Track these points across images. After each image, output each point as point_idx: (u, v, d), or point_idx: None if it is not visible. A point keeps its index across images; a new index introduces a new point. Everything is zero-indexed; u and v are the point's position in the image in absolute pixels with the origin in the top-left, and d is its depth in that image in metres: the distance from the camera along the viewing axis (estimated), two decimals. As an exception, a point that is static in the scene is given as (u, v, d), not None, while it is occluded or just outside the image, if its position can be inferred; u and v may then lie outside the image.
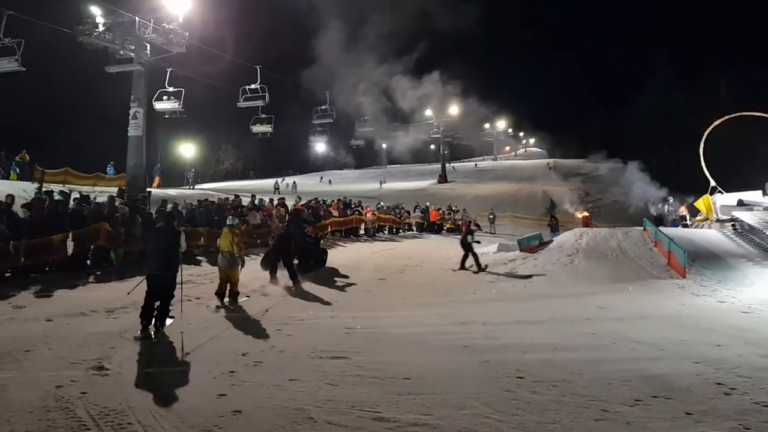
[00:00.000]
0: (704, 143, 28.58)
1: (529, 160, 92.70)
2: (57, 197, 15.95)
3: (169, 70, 25.83)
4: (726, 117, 28.80)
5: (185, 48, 24.23)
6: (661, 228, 20.99)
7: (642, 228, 21.84)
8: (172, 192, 33.73)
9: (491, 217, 38.84)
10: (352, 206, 27.47)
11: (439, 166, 69.06)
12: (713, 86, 70.55)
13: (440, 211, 34.20)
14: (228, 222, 12.50)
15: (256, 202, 22.78)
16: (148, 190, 23.54)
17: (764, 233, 18.89)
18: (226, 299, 11.82)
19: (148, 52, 23.41)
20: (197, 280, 14.28)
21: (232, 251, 11.76)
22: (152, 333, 9.03)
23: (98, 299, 11.40)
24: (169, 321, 9.55)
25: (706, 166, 27.78)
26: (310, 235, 17.76)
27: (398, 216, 30.22)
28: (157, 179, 37.03)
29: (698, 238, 20.83)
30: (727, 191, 25.86)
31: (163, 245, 9.41)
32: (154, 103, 25.58)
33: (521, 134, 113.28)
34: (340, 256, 19.85)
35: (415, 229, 31.03)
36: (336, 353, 8.09)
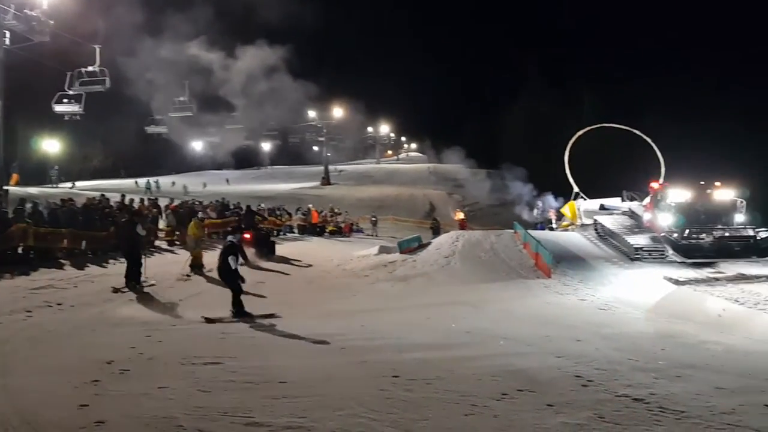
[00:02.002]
0: (569, 152, 30.51)
1: (411, 164, 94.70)
2: None
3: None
4: (588, 128, 30.95)
5: (49, 37, 22.60)
6: (529, 231, 22.14)
7: (513, 231, 22.94)
8: (32, 190, 31.37)
9: (373, 219, 39.31)
10: (231, 208, 26.81)
11: (322, 168, 68.96)
12: (579, 97, 75.52)
13: (322, 214, 34.16)
14: (198, 216, 18.25)
15: (126, 202, 21.65)
16: (4, 188, 21.72)
17: (622, 237, 20.34)
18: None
19: (7, 40, 21.61)
20: (59, 284, 13.39)
21: (198, 237, 16.42)
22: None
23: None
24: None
25: (571, 173, 29.67)
26: (262, 228, 21.57)
27: (279, 218, 29.85)
28: (14, 176, 34.17)
29: (563, 241, 22.19)
30: (590, 197, 27.69)
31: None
32: (53, 106, 23.70)
33: (403, 139, 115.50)
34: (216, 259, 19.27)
35: (296, 231, 30.79)
36: (209, 359, 7.86)
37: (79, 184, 47.76)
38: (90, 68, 27.32)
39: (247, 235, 18.83)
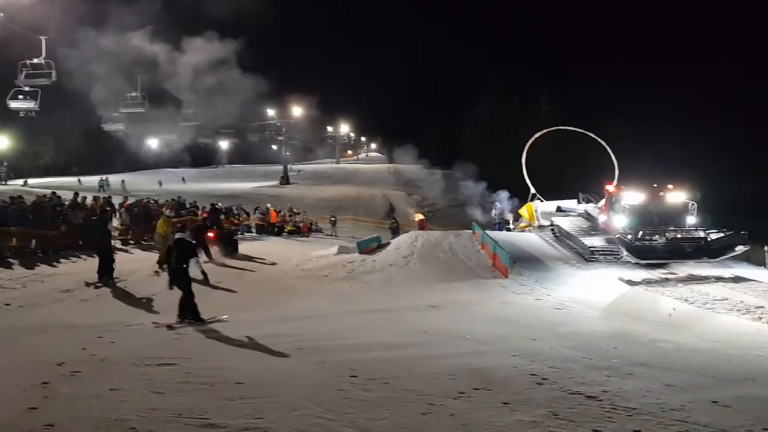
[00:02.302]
0: (526, 153, 30.97)
1: (371, 164, 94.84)
2: None
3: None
4: (545, 130, 31.48)
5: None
6: (487, 232, 22.39)
7: (471, 231, 23.16)
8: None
9: (333, 219, 39.18)
10: (187, 207, 26.37)
11: (281, 167, 68.44)
12: (537, 99, 76.79)
13: (281, 213, 33.89)
14: (166, 214, 18.56)
15: (79, 200, 21.10)
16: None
17: (578, 238, 20.75)
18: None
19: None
20: (7, 284, 12.99)
21: (166, 235, 16.19)
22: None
23: None
24: None
25: (528, 174, 30.12)
26: (227, 227, 22.21)
27: (236, 217, 29.48)
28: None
29: (520, 242, 22.52)
30: (547, 199, 28.16)
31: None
32: (8, 102, 22.84)
33: (363, 139, 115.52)
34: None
35: (254, 230, 30.47)
36: (163, 360, 7.70)
37: (31, 181, 46.39)
38: (35, 60, 26.12)
39: (210, 234, 19.53)
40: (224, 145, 73.50)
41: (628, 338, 10.52)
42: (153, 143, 56.97)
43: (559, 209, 25.63)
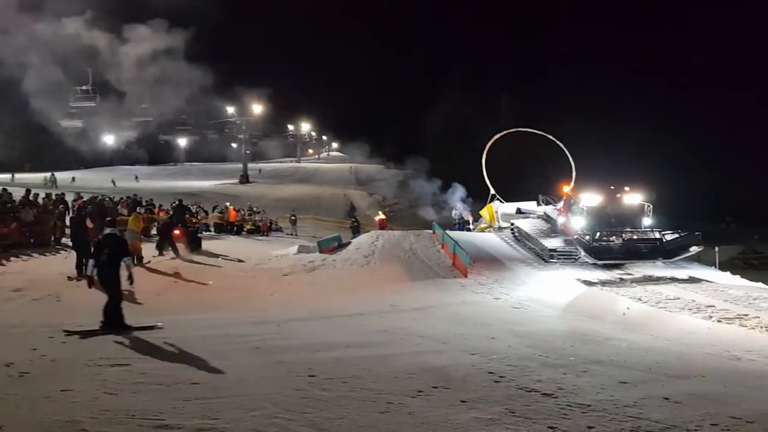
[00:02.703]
0: (486, 155, 31.29)
1: (332, 164, 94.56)
2: None
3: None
4: (505, 132, 31.86)
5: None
6: (447, 231, 22.55)
7: (431, 231, 23.28)
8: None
9: (293, 218, 38.89)
10: (143, 204, 25.86)
11: (241, 165, 67.67)
12: (497, 101, 77.80)
13: (240, 212, 33.49)
14: (137, 210, 20.95)
15: (30, 197, 20.48)
16: None
17: (537, 240, 21.04)
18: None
19: None
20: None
21: (137, 230, 17.20)
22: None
23: None
24: None
25: (488, 176, 30.44)
26: (192, 225, 22.91)
27: (194, 215, 28.99)
28: None
29: (480, 242, 22.73)
30: (507, 201, 28.49)
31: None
32: None
33: (324, 138, 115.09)
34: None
35: (212, 229, 30.02)
36: (117, 360, 7.54)
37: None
38: None
39: (177, 231, 20.30)
40: (182, 142, 72.21)
41: (584, 337, 10.70)
42: (108, 140, 55.65)
43: (519, 211, 25.93)
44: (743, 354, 9.63)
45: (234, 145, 75.00)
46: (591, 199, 20.47)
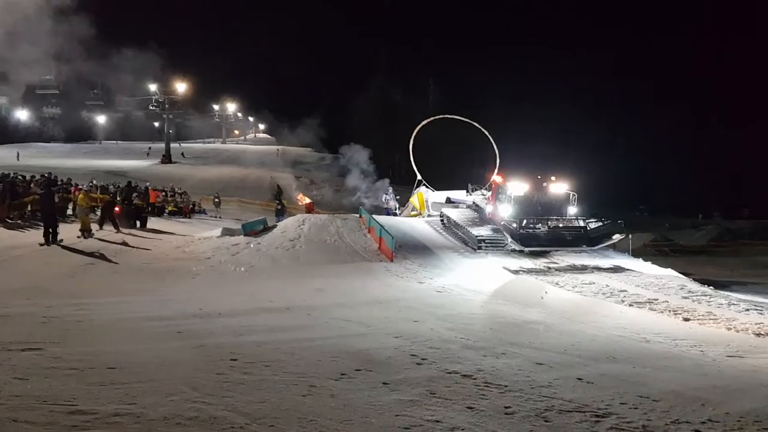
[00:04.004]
0: (413, 141, 31.55)
1: (259, 145, 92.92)
2: None
3: None
4: (431, 118, 32.19)
5: None
6: (374, 216, 22.65)
7: (358, 215, 23.33)
8: None
9: (216, 200, 38.09)
10: (59, 183, 24.71)
11: (163, 145, 65.50)
12: (425, 88, 78.43)
13: (162, 193, 32.50)
14: (85, 188, 23.06)
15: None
16: None
17: (466, 228, 21.40)
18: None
19: None
20: None
21: (86, 206, 19.59)
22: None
23: None
24: None
25: (415, 161, 30.70)
26: (137, 203, 24.02)
27: (112, 196, 27.89)
28: None
29: (407, 227, 22.96)
30: (436, 189, 28.78)
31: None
32: None
33: (251, 119, 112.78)
34: (40, 238, 17.71)
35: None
36: (28, 345, 7.19)
37: None
38: None
39: (117, 209, 21.79)
40: (101, 120, 69.20)
41: (504, 320, 11.02)
42: (21, 115, 52.54)
43: (448, 200, 26.29)
44: (652, 336, 10.17)
45: (156, 124, 72.51)
46: (518, 187, 21.03)
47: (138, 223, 22.81)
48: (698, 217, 52.42)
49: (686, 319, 11.94)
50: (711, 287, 16.37)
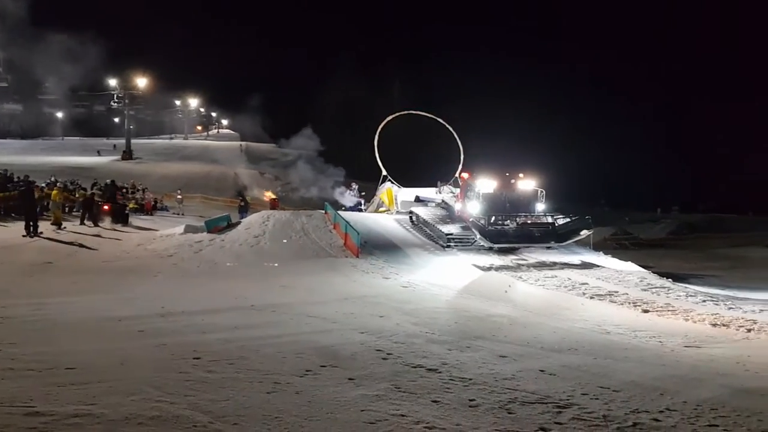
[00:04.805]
0: (378, 136, 31.51)
1: (222, 141, 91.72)
2: None
3: None
4: (396, 114, 32.19)
5: None
6: (340, 212, 22.58)
7: (323, 211, 23.24)
8: None
9: (179, 197, 37.53)
10: (15, 180, 24.03)
11: (123, 141, 64.16)
12: (390, 84, 78.37)
13: (123, 190, 31.86)
14: (59, 185, 23.89)
15: None
16: None
17: (435, 226, 21.44)
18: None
19: None
20: None
21: (59, 202, 21.24)
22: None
23: None
24: None
25: (381, 158, 30.69)
26: (119, 201, 25.09)
27: (71, 193, 27.28)
28: None
29: (372, 223, 22.92)
30: (403, 186, 28.75)
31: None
32: None
33: (214, 115, 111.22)
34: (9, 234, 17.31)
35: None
36: (-17, 346, 7.00)
37: None
38: None
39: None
40: (60, 115, 67.46)
41: (468, 314, 11.13)
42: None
43: (417, 199, 26.28)
44: (612, 328, 10.38)
45: (116, 119, 71.03)
46: (486, 184, 21.18)
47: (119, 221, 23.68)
48: (657, 212, 53.54)
49: (645, 311, 12.21)
50: (670, 280, 16.73)
